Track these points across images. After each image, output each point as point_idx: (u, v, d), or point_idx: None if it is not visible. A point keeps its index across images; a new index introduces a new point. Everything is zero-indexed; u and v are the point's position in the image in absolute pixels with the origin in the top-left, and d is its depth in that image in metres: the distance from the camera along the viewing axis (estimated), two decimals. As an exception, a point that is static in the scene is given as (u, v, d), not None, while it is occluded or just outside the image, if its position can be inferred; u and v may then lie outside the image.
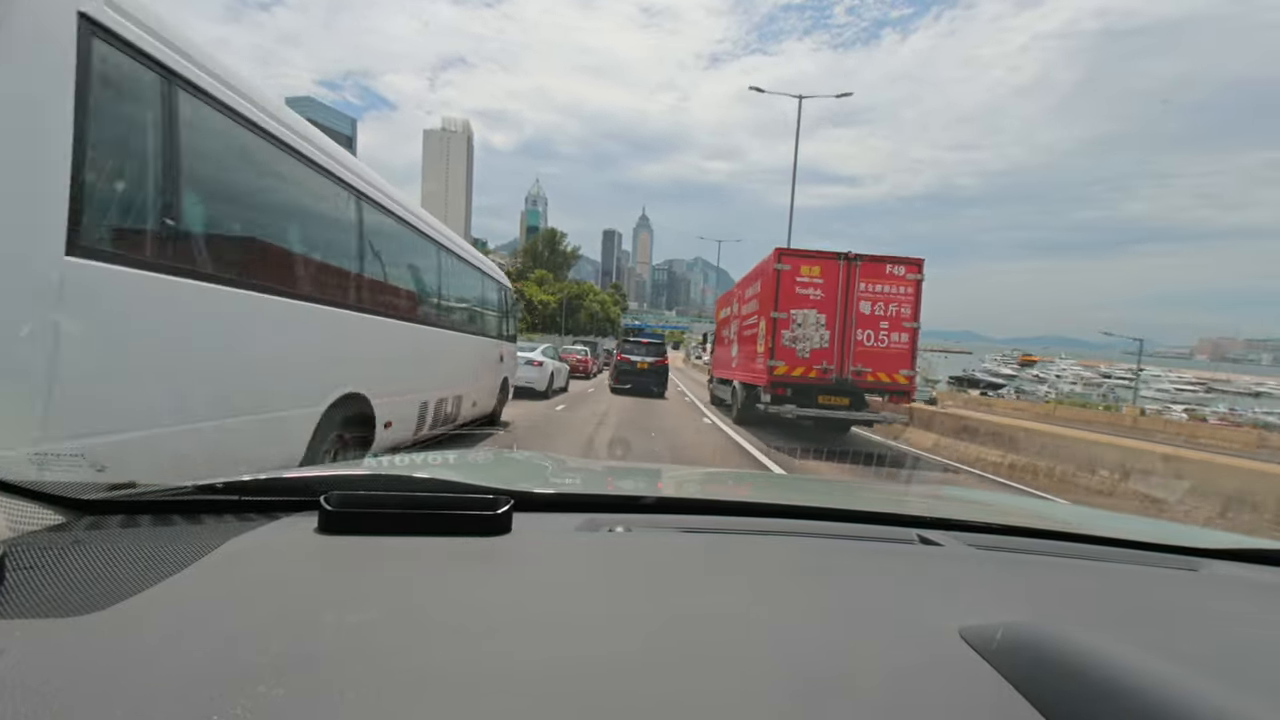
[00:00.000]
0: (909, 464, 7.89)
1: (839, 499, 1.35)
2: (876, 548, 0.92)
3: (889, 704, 0.45)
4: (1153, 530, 1.28)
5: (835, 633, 0.58)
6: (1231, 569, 0.99)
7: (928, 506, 1.26)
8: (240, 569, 0.62)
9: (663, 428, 9.11)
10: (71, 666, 0.42)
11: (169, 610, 0.52)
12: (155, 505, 0.82)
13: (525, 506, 0.88)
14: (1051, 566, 0.89)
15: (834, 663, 0.51)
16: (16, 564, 0.55)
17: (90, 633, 0.47)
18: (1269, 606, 0.81)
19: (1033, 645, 0.50)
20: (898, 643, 0.56)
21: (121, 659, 0.43)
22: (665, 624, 0.56)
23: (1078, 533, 1.09)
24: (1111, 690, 0.41)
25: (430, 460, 1.50)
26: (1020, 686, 0.46)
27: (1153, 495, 5.97)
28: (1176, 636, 0.61)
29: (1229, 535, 1.20)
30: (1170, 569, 0.94)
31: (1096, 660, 0.44)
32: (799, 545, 0.89)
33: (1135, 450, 6.61)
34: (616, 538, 0.86)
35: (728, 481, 1.82)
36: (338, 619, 0.51)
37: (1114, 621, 0.68)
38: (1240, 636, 0.65)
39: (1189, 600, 0.80)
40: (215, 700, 0.39)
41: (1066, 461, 7.08)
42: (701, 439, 8.18)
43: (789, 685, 0.47)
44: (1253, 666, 0.53)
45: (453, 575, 0.64)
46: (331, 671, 0.44)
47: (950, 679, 0.49)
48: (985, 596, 0.73)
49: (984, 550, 0.94)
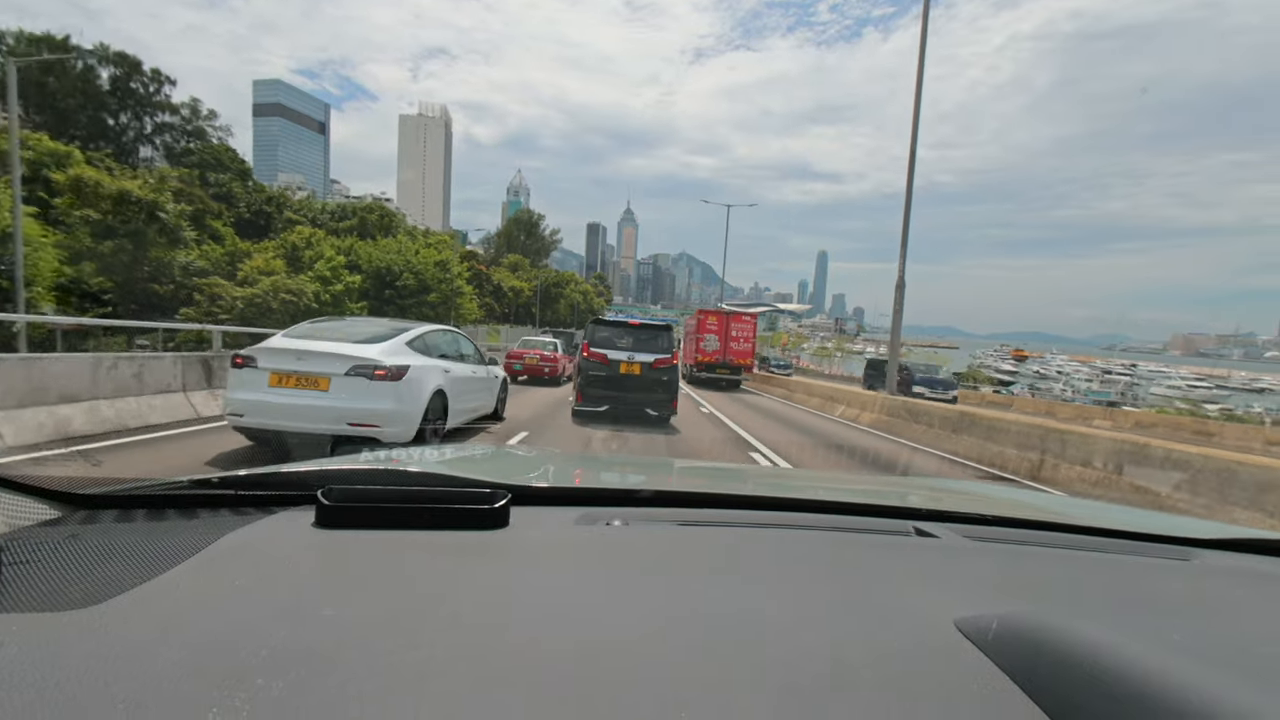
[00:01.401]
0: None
1: (835, 492, 1.34)
2: (872, 540, 0.91)
3: (885, 695, 0.46)
4: (1146, 521, 1.26)
5: (831, 624, 0.58)
6: (1224, 559, 0.99)
7: (923, 498, 1.29)
8: (237, 563, 0.62)
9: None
10: (69, 660, 0.42)
11: (166, 604, 0.52)
12: (151, 500, 0.82)
13: (522, 500, 0.87)
14: (1046, 558, 0.90)
15: (830, 654, 0.51)
16: (13, 559, 0.55)
17: (87, 627, 0.47)
18: (1261, 595, 0.82)
19: (1028, 636, 0.50)
20: (894, 634, 0.56)
21: (119, 653, 0.44)
22: (662, 617, 0.56)
23: (1072, 524, 1.10)
24: (1106, 680, 0.41)
25: (427, 454, 1.48)
26: (1015, 677, 0.47)
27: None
28: (1170, 626, 0.60)
29: (1221, 525, 1.31)
30: (1164, 559, 0.95)
31: (1091, 650, 0.45)
32: (795, 538, 0.89)
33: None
34: (614, 531, 0.85)
35: (725, 475, 1.81)
36: (335, 613, 0.52)
37: (1108, 611, 0.68)
38: (1233, 625, 0.66)
39: (1182, 590, 0.80)
40: (213, 693, 0.39)
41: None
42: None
43: (785, 677, 0.47)
44: (1246, 655, 0.52)
45: (450, 569, 0.64)
46: (330, 665, 0.44)
47: (946, 670, 0.49)
48: (981, 588, 0.73)
49: (979, 542, 0.94)
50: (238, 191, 36.13)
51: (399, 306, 28.94)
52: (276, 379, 4.88)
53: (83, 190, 17.18)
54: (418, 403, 5.44)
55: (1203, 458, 5.43)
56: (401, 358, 5.38)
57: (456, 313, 33.14)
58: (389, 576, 0.61)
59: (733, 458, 6.75)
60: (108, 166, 23.10)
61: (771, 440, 8.50)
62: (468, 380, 6.83)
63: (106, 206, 17.13)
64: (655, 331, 9.31)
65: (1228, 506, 5.01)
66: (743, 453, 7.20)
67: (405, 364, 5.31)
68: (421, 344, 5.96)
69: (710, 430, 9.12)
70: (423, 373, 5.56)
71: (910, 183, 12.27)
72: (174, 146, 36.94)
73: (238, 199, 35.75)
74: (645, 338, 9.13)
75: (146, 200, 17.63)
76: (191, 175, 32.37)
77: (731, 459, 6.57)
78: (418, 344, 5.88)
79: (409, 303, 29.37)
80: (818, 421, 12.12)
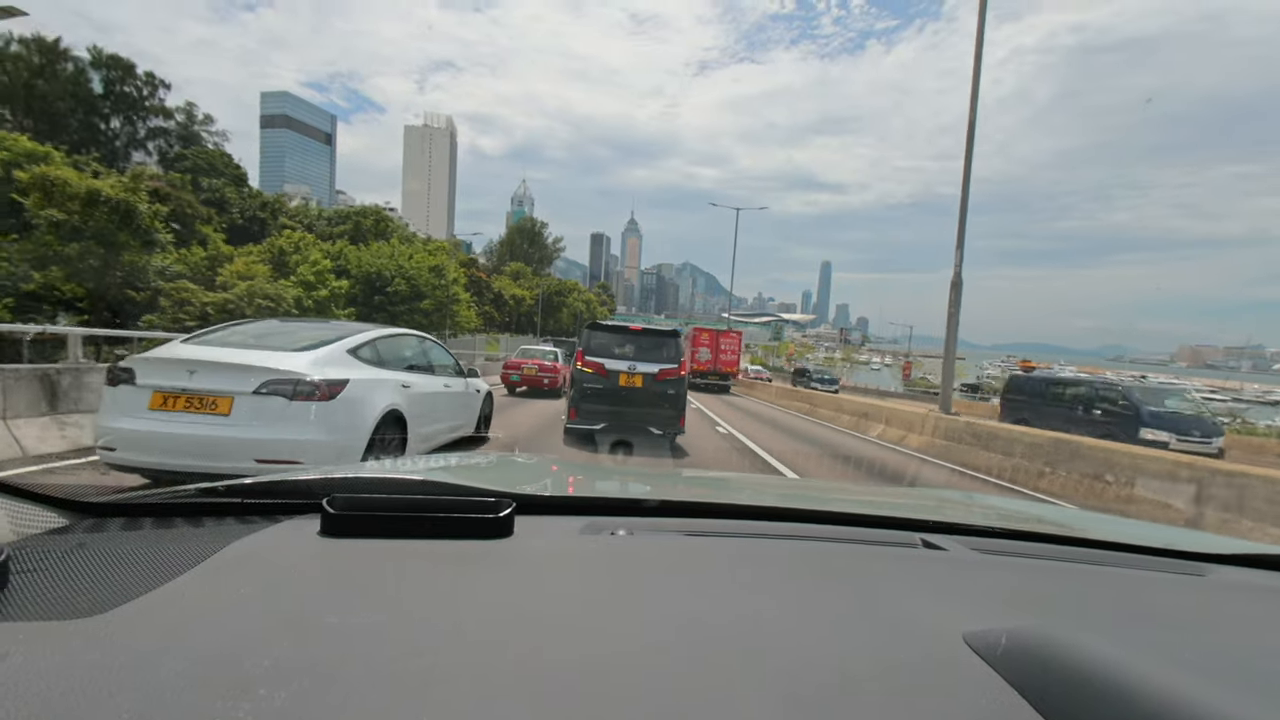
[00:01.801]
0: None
1: (842, 503, 1.33)
2: (880, 551, 0.90)
3: (892, 708, 0.45)
4: (1159, 535, 1.24)
5: (838, 637, 0.57)
6: (1239, 574, 0.97)
7: (931, 510, 1.26)
8: (243, 572, 0.62)
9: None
10: (75, 669, 0.42)
11: (172, 613, 0.52)
12: (158, 508, 0.82)
13: (527, 509, 0.87)
14: (1056, 571, 0.88)
15: (837, 667, 0.51)
16: (20, 567, 0.55)
17: (93, 635, 0.47)
18: (1276, 612, 0.80)
19: (1037, 650, 0.50)
20: (901, 647, 0.55)
21: (124, 662, 0.44)
22: (668, 627, 0.56)
23: (1083, 537, 1.08)
24: (1116, 696, 0.41)
25: (432, 463, 1.45)
26: (1025, 692, 0.46)
27: None
28: (1182, 642, 0.59)
29: (1236, 541, 1.23)
30: (1176, 574, 0.93)
31: (1102, 666, 0.44)
32: (802, 549, 0.89)
33: None
34: (619, 541, 0.85)
35: (730, 485, 1.77)
36: (340, 622, 0.52)
37: (1119, 627, 0.67)
38: (1247, 642, 0.64)
39: (1195, 605, 0.79)
40: (217, 704, 0.39)
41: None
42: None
43: (791, 688, 0.47)
44: (1259, 672, 0.51)
45: (455, 578, 0.64)
46: (334, 674, 0.44)
47: (954, 684, 0.48)
48: (989, 601, 0.73)
49: (988, 554, 0.93)
50: (231, 196, 35.19)
51: (390, 314, 27.72)
52: (160, 399, 3.58)
53: (49, 190, 16.15)
54: (358, 430, 4.09)
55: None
56: (337, 369, 4.04)
57: (453, 320, 31.94)
58: (393, 586, 0.61)
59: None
60: (94, 170, 22.15)
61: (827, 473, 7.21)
62: (436, 397, 5.46)
63: (75, 207, 16.11)
64: (660, 338, 7.86)
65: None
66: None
67: (341, 378, 3.97)
68: (371, 352, 4.60)
69: (717, 441, 7.89)
70: (367, 389, 4.22)
71: (966, 176, 11.04)
72: (168, 151, 36.16)
73: (231, 204, 34.83)
74: (648, 345, 7.72)
75: (118, 200, 16.58)
76: (183, 180, 31.52)
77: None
78: (365, 352, 4.52)
79: (400, 309, 28.16)
80: (860, 445, 10.30)
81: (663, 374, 7.44)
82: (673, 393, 7.47)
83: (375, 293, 27.88)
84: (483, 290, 47.99)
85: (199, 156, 35.67)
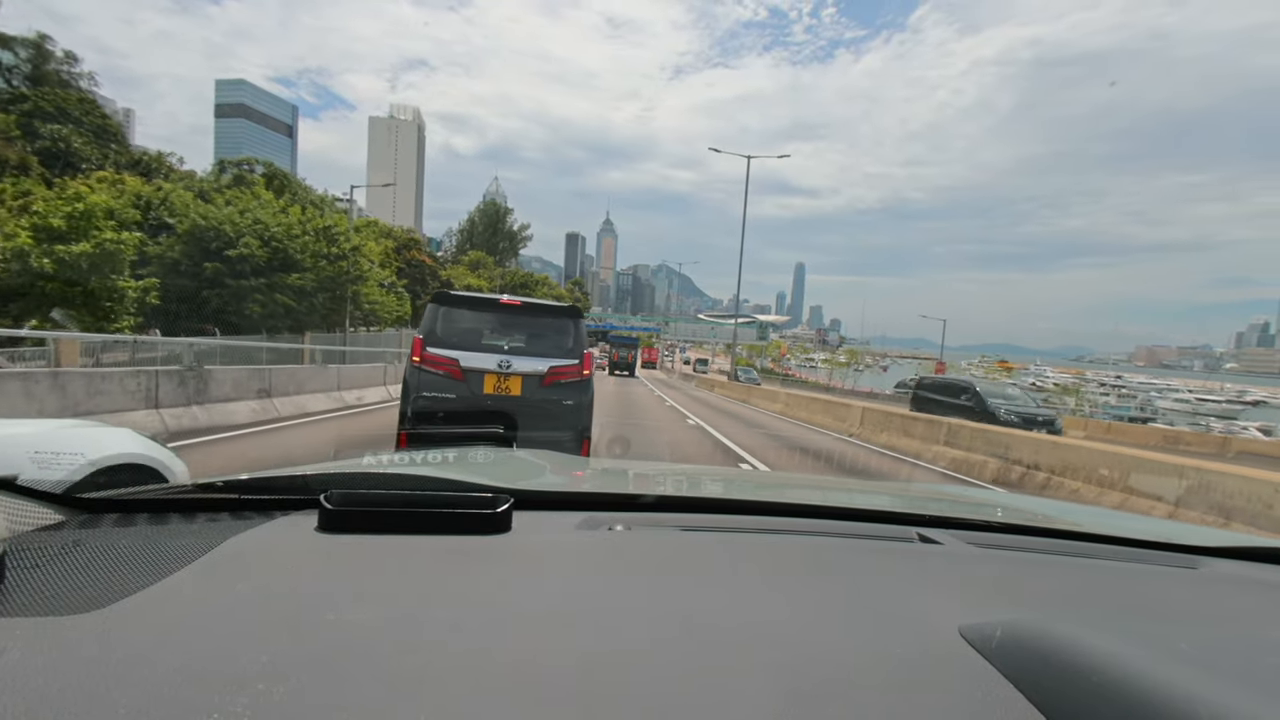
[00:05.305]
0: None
1: (839, 498, 1.36)
2: (876, 546, 0.91)
3: (889, 702, 0.45)
4: (1152, 529, 1.26)
5: (835, 631, 0.58)
6: (1231, 567, 0.99)
7: (927, 505, 1.26)
8: (240, 567, 0.62)
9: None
10: (72, 665, 0.42)
11: (168, 609, 0.52)
12: (154, 504, 0.82)
13: (525, 505, 0.87)
14: (1051, 565, 0.89)
15: (834, 661, 0.51)
16: (16, 563, 0.55)
17: (89, 632, 0.47)
18: (1270, 604, 0.81)
19: (1032, 643, 0.50)
20: (897, 641, 0.55)
21: (120, 658, 0.43)
22: (665, 622, 0.56)
23: (1077, 531, 1.09)
24: (1111, 688, 0.41)
25: (430, 458, 1.45)
26: (1020, 685, 0.46)
27: None
28: (1176, 634, 0.58)
29: (1228, 533, 1.22)
30: (1170, 567, 0.94)
31: (1096, 658, 0.44)
32: (799, 544, 0.89)
33: None
34: (616, 536, 0.85)
35: (728, 480, 1.79)
36: (338, 617, 0.52)
37: (1114, 619, 0.68)
38: (1240, 634, 0.65)
39: (1189, 598, 0.80)
40: (214, 699, 0.39)
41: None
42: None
43: (788, 682, 0.47)
44: (1253, 664, 0.51)
45: (453, 573, 0.64)
46: (331, 670, 0.44)
47: (950, 677, 0.49)
48: (985, 595, 0.73)
49: (984, 549, 0.93)
50: (83, 149, 28.18)
51: (231, 290, 19.46)
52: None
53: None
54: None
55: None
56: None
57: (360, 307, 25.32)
58: (391, 581, 0.61)
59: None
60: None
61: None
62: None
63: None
64: (551, 318, 4.80)
65: None
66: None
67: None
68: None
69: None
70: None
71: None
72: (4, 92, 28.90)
73: (83, 157, 27.81)
74: (532, 330, 4.67)
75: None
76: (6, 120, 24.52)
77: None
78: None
79: (250, 284, 19.75)
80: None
81: (554, 374, 4.44)
82: (570, 404, 4.51)
83: (210, 257, 19.55)
84: (426, 279, 41.43)
85: (42, 97, 28.51)
